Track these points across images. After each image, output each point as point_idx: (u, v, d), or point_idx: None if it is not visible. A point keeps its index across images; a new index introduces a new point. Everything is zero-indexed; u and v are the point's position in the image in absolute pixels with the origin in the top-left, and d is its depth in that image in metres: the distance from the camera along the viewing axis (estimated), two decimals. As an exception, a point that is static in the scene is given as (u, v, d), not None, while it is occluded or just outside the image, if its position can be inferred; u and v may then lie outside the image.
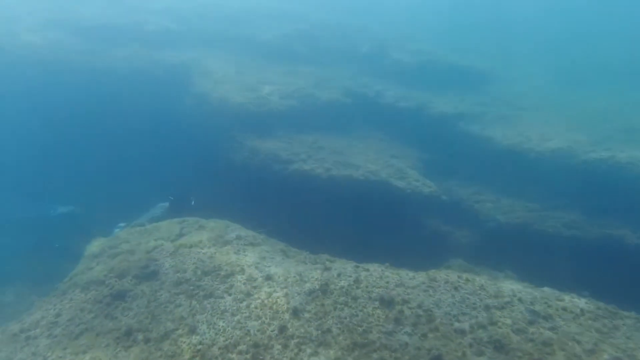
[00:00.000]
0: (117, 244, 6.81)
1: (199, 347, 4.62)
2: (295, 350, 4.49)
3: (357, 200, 9.49)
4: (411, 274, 5.88)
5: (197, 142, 12.61)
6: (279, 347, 4.54)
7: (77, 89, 13.90)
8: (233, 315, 5.03)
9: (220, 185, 11.85)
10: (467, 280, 5.49)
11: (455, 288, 5.39)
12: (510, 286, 5.53)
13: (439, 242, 9.47)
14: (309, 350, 4.50)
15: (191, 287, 5.53)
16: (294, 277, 5.67)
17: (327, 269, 5.90)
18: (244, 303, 5.22)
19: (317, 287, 5.41)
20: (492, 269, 8.41)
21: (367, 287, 5.42)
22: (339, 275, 5.68)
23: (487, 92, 15.51)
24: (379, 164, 10.53)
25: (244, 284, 5.59)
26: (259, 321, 4.92)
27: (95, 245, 7.05)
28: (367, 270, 5.86)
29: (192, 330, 4.85)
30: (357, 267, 5.97)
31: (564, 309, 4.98)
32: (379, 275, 5.72)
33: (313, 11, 22.57)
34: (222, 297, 5.35)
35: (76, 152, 14.21)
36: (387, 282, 5.55)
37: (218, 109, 11.81)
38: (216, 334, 4.78)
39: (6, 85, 13.95)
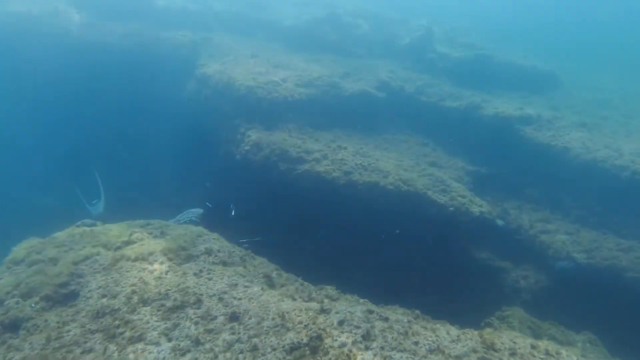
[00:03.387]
0: (45, 248, 5.35)
1: None
2: None
3: (382, 216, 7.72)
4: (454, 331, 4.10)
5: (194, 132, 11.22)
6: None
7: (70, 64, 12.97)
8: (163, 377, 3.39)
9: (218, 186, 10.40)
10: (549, 354, 3.64)
11: (529, 366, 3.56)
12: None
13: (490, 281, 7.53)
14: None
15: (116, 322, 3.94)
16: (273, 319, 3.99)
17: (324, 310, 4.20)
18: (188, 357, 3.58)
19: (305, 340, 3.72)
20: (566, 328, 6.42)
21: (382, 348, 3.68)
22: (340, 323, 3.98)
23: (557, 97, 13.48)
24: (414, 171, 8.75)
25: (196, 324, 3.95)
26: (202, 392, 3.26)
27: (23, 248, 5.61)
28: (386, 319, 4.13)
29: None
30: (371, 312, 4.24)
31: None
32: (403, 330, 3.97)
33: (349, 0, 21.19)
34: (157, 344, 3.73)
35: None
36: (417, 344, 3.80)
37: (221, 93, 10.41)
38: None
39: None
